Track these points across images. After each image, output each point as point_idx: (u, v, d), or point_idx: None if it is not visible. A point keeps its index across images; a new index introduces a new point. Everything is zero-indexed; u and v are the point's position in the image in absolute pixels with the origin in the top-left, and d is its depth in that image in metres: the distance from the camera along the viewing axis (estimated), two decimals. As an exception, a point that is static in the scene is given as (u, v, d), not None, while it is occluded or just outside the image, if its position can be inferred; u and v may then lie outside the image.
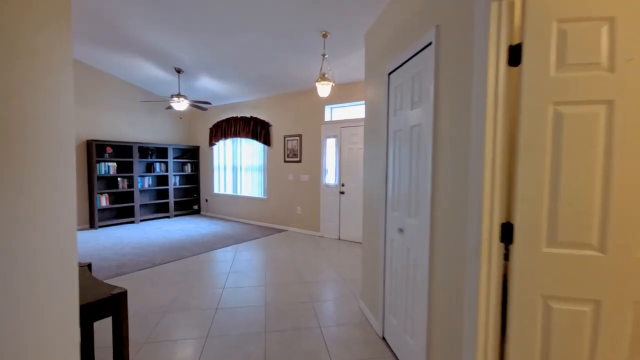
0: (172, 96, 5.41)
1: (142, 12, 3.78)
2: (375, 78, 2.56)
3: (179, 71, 5.58)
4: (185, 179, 7.75)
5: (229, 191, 7.29)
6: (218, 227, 6.23)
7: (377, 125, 2.53)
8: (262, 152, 6.58)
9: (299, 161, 5.88)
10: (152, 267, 3.86)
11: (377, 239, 2.47)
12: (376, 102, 2.55)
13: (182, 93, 6.26)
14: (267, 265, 4.00)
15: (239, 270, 3.79)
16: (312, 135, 5.69)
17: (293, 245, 4.96)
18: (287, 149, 6.06)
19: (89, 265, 2.04)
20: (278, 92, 6.08)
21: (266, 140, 6.30)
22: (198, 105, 5.85)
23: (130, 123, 6.72)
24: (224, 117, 7.12)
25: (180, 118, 7.62)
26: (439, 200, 1.58)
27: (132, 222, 6.53)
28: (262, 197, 6.56)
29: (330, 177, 5.50)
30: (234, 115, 6.83)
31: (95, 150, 5.92)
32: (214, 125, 7.25)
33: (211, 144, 7.36)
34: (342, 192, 5.31)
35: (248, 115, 6.62)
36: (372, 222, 2.61)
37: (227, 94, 6.54)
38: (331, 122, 5.46)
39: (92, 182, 5.95)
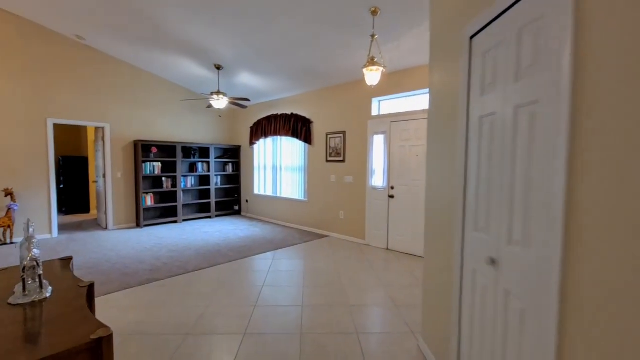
0: (211, 93, 5.21)
1: (182, 3, 3.54)
2: (447, 50, 1.92)
3: (218, 68, 5.38)
4: (226, 179, 7.65)
5: (269, 192, 7.01)
6: (257, 230, 5.94)
7: (448, 113, 1.89)
8: (303, 151, 6.16)
9: (342, 161, 5.34)
10: (185, 274, 3.60)
11: (449, 266, 1.83)
12: (448, 83, 1.91)
13: (221, 90, 6.08)
14: (306, 278, 3.53)
15: (274, 284, 3.36)
16: (357, 132, 5.11)
17: (336, 255, 4.43)
18: (330, 147, 5.55)
19: (91, 286, 1.72)
20: (320, 86, 5.60)
21: (307, 138, 5.86)
22: (237, 103, 5.61)
23: (174, 123, 6.75)
24: (264, 115, 6.84)
25: (220, 116, 7.53)
26: (584, 222, 0.93)
27: (175, 221, 6.54)
28: (303, 199, 6.14)
29: (378, 179, 4.87)
30: (274, 113, 6.51)
31: (141, 150, 5.99)
32: (255, 124, 7.02)
33: (251, 143, 7.14)
34: (391, 196, 4.65)
35: (288, 112, 6.25)
36: (440, 241, 1.98)
37: (267, 91, 6.23)
38: (379, 117, 4.83)
39: (139, 182, 6.02)
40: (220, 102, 5.31)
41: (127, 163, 6.08)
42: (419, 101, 4.56)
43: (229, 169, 7.56)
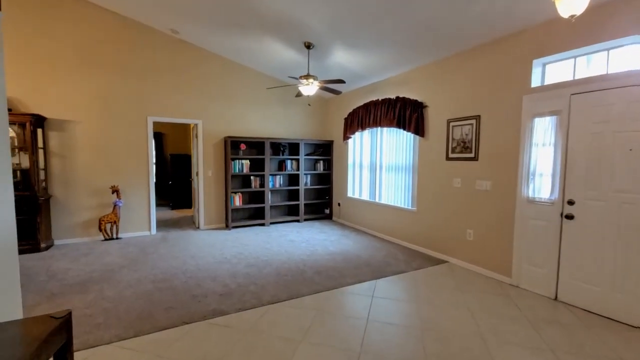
0: (300, 77, 4.33)
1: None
2: None
3: (308, 46, 4.45)
4: (316, 178, 6.82)
5: (365, 196, 5.82)
6: (349, 243, 4.84)
7: None
8: (411, 146, 4.75)
9: (474, 158, 3.73)
10: (258, 307, 2.74)
11: None
12: None
13: (311, 74, 5.17)
14: (428, 345, 2.21)
15: (377, 351, 2.16)
16: (502, 114, 3.43)
17: (467, 299, 2.94)
18: (453, 139, 3.99)
19: (67, 320, 0.85)
20: (441, 55, 4.08)
21: (418, 127, 4.42)
22: (330, 88, 4.58)
23: (263, 117, 6.22)
24: (360, 103, 5.67)
25: (309, 105, 6.68)
26: None
27: (263, 224, 6.02)
28: (409, 208, 4.74)
29: (542, 187, 3.11)
30: (374, 99, 5.26)
31: (230, 147, 5.61)
32: (349, 115, 5.92)
33: (346, 137, 6.08)
34: (567, 216, 2.85)
35: (392, 97, 4.91)
36: None
37: (365, 72, 5.04)
38: (546, 89, 3.05)
39: (228, 181, 5.67)
40: (310, 88, 4.38)
41: (217, 161, 5.81)
42: (627, 57, 2.63)
43: (320, 167, 6.70)
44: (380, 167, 5.44)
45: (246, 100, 5.99)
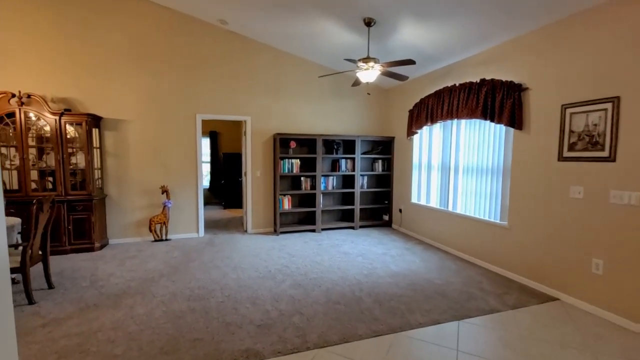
0: (359, 61, 3.61)
1: None
2: None
3: (369, 23, 3.71)
4: (374, 180, 6.02)
5: (434, 203, 4.87)
6: (415, 260, 3.98)
7: None
8: (501, 141, 3.70)
9: (608, 158, 2.60)
10: (301, 351, 2.12)
11: None
12: None
13: (372, 56, 4.40)
14: None
15: None
16: (664, 92, 2.27)
17: (610, 374, 1.94)
18: (571, 132, 2.89)
19: None
20: (548, 20, 2.99)
21: (513, 117, 3.37)
22: (394, 72, 3.78)
23: (315, 112, 5.63)
24: (430, 92, 4.73)
25: (369, 94, 5.88)
26: None
27: (313, 230, 5.45)
28: (498, 222, 3.70)
29: None
30: (449, 85, 4.29)
31: (279, 145, 5.14)
32: (415, 106, 5.01)
33: (410, 132, 5.18)
34: None
35: (475, 80, 3.90)
36: None
37: (438, 51, 4.10)
38: None
39: (276, 182, 5.22)
40: (370, 73, 3.64)
41: (266, 160, 5.40)
42: None
43: (378, 167, 5.89)
44: (455, 169, 4.44)
45: (297, 93, 5.46)
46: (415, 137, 5.22)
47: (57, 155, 4.04)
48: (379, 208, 6.08)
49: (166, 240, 4.84)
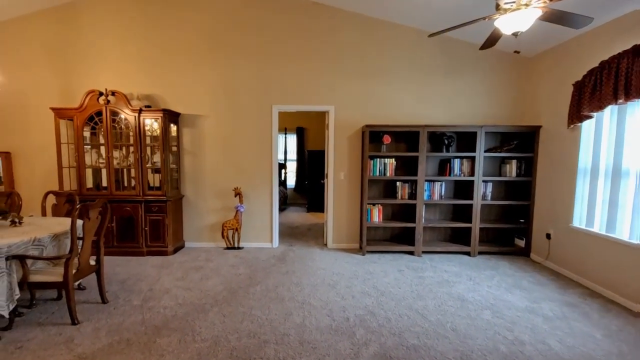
0: (498, 5, 2.16)
1: None
2: None
3: None
4: (503, 188, 4.27)
5: (624, 232, 2.92)
6: (596, 335, 2.28)
7: None
8: None
9: None
10: None
11: None
12: None
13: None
14: None
15: None
16: None
17: None
18: None
19: None
20: None
21: None
22: (566, 14, 2.19)
23: (419, 97, 4.26)
24: (625, 46, 2.79)
25: (517, 52, 4.08)
26: None
27: (411, 253, 4.13)
28: None
29: None
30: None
31: (369, 140, 4.00)
32: (589, 75, 3.12)
33: (577, 117, 3.30)
34: None
35: None
36: None
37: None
38: None
39: (364, 187, 4.10)
40: (521, 17, 2.14)
41: (352, 159, 4.34)
42: None
43: (511, 170, 4.12)
44: (683, 178, 2.46)
45: (393, 73, 4.20)
46: (585, 125, 3.30)
47: (135, 154, 3.90)
48: (510, 229, 4.29)
49: (238, 248, 4.32)
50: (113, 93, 3.83)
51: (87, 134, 4.06)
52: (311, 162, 7.19)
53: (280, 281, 3.24)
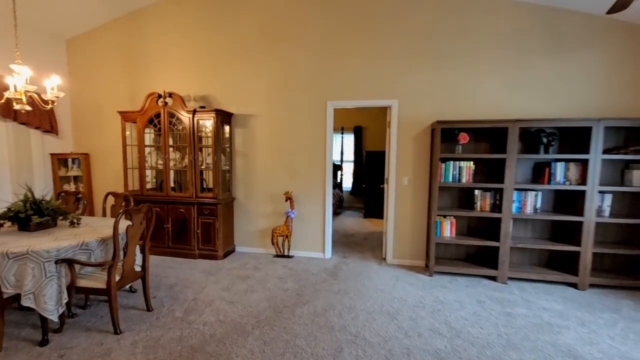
0: None
1: None
2: None
3: None
4: (628, 202, 3.21)
5: None
6: None
7: None
8: None
9: None
10: None
11: None
12: None
13: None
14: None
15: None
16: None
17: None
18: None
19: None
20: None
21: None
22: None
23: (505, 83, 3.43)
24: None
25: None
26: None
27: (493, 278, 3.34)
28: None
29: None
30: None
31: (440, 139, 3.33)
32: None
33: None
34: None
35: None
36: None
37: None
38: None
39: (433, 195, 3.45)
40: None
41: (418, 161, 3.70)
42: None
43: (639, 178, 3.05)
44: None
45: (473, 55, 3.45)
46: None
47: (189, 155, 3.85)
48: (636, 256, 3.20)
49: (287, 256, 4.02)
50: (170, 95, 3.84)
51: (150, 135, 4.17)
52: (369, 164, 6.63)
53: (331, 303, 2.81)
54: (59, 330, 2.31)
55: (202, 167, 3.95)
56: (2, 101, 2.55)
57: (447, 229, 3.45)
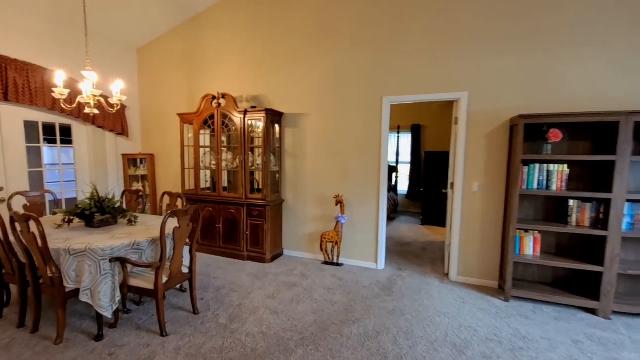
0: None
1: None
2: None
3: None
4: None
5: None
6: None
7: None
8: None
9: None
10: None
11: None
12: None
13: None
14: None
15: None
16: None
17: None
18: None
19: None
20: None
21: None
22: None
23: (615, 63, 2.70)
24: None
25: None
26: None
27: (592, 311, 2.66)
28: None
29: None
30: None
31: (523, 136, 2.75)
32: None
33: None
34: None
35: None
36: None
37: None
38: None
39: (511, 204, 2.88)
40: None
41: (491, 164, 3.14)
42: None
43: None
44: None
45: (568, 32, 2.79)
46: None
47: (240, 156, 3.83)
48: None
49: (337, 264, 3.76)
50: (223, 96, 3.87)
51: (206, 136, 4.27)
52: (429, 166, 6.04)
53: (385, 324, 2.47)
54: (114, 326, 2.37)
55: (253, 167, 3.90)
56: (74, 105, 2.74)
57: (530, 246, 2.85)
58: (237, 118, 3.78)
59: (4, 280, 2.52)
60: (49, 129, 3.96)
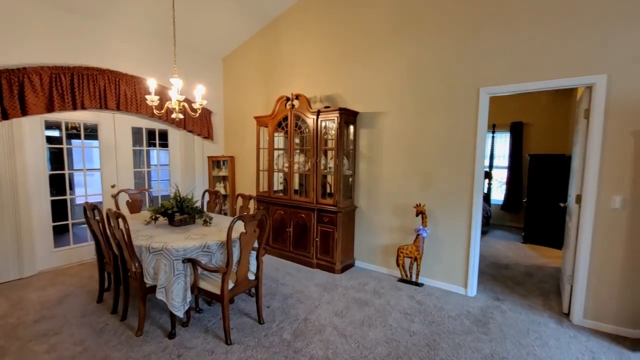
0: None
1: None
2: None
3: None
4: None
5: None
6: None
7: None
8: None
9: None
10: None
11: None
12: None
13: None
14: None
15: None
16: None
17: None
18: None
19: None
20: None
21: None
22: None
23: None
24: None
25: None
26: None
27: None
28: None
29: None
30: None
31: None
32: None
33: None
34: None
35: None
36: None
37: None
38: None
39: None
40: None
41: (646, 172, 2.26)
42: None
43: None
44: None
45: None
46: None
47: (312, 158, 3.67)
48: None
49: (416, 284, 3.27)
50: (297, 97, 3.77)
51: (280, 139, 4.27)
52: (534, 172, 4.95)
53: (480, 374, 1.94)
54: (186, 325, 2.42)
55: (325, 171, 3.70)
56: (163, 111, 2.94)
57: None
58: (310, 119, 3.63)
59: (105, 268, 2.83)
60: (150, 134, 4.48)
